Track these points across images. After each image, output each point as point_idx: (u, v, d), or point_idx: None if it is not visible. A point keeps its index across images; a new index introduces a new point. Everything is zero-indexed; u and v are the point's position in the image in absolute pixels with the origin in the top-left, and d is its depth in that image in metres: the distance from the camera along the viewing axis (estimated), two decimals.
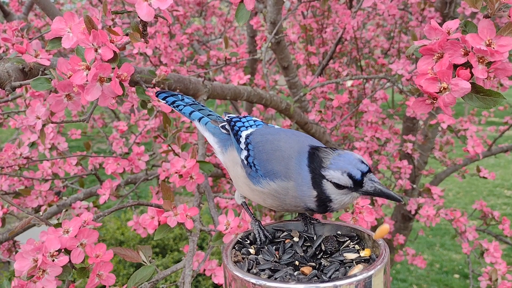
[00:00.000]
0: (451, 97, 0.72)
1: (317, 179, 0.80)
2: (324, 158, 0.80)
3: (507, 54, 0.69)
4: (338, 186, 0.79)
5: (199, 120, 1.07)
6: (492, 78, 0.71)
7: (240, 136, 0.95)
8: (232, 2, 0.84)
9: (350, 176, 0.77)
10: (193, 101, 1.12)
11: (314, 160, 0.81)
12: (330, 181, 0.79)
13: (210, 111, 1.10)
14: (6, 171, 1.77)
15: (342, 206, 0.83)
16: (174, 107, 1.12)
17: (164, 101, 1.13)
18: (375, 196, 0.78)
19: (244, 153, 0.92)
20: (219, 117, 1.07)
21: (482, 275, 2.12)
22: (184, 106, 1.10)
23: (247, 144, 0.93)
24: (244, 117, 1.01)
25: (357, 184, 0.78)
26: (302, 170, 0.83)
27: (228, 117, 1.02)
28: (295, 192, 0.84)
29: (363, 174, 0.77)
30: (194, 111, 1.09)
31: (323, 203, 0.82)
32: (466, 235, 2.34)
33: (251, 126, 0.98)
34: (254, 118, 1.01)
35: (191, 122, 1.98)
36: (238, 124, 0.98)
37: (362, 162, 0.78)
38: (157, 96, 1.16)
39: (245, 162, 0.91)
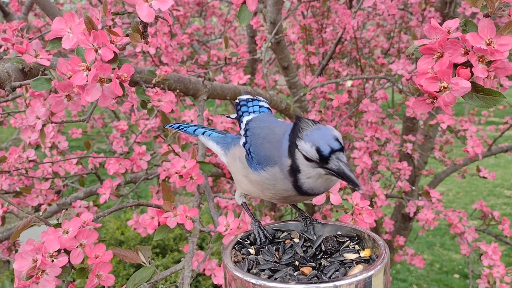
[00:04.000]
0: (451, 97, 0.72)
1: (292, 148, 0.80)
2: (303, 129, 0.79)
3: (507, 53, 0.69)
4: (306, 158, 0.78)
5: (203, 133, 1.12)
6: (492, 77, 0.71)
7: (242, 122, 0.98)
8: (234, 3, 0.84)
9: (318, 150, 0.76)
10: (198, 125, 1.18)
11: (295, 129, 0.80)
12: (301, 152, 0.78)
13: (212, 129, 1.14)
14: (16, 178, 1.79)
15: (310, 180, 0.81)
16: (179, 129, 1.19)
17: (170, 127, 1.22)
18: (339, 177, 0.76)
19: (243, 139, 0.94)
20: (223, 131, 1.12)
21: (480, 277, 2.12)
22: (188, 127, 1.16)
23: (246, 130, 0.95)
24: (252, 100, 1.03)
25: (323, 160, 0.76)
26: (283, 143, 0.83)
27: (239, 99, 1.04)
28: (281, 174, 0.83)
29: (332, 152, 0.75)
30: (197, 128, 1.14)
31: (295, 174, 0.81)
32: (465, 236, 2.33)
33: (254, 112, 1.00)
34: (261, 104, 1.02)
35: (191, 121, 2.00)
36: (243, 108, 1.01)
37: (337, 139, 0.76)
38: (164, 127, 1.27)
39: (243, 148, 0.93)
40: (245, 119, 0.97)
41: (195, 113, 2.02)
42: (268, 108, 1.02)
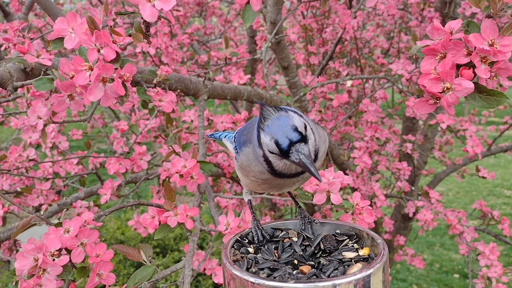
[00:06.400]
0: (454, 97, 0.72)
1: (259, 138, 0.78)
2: (265, 118, 0.75)
3: (509, 54, 0.69)
4: (269, 150, 0.76)
5: (225, 136, 1.17)
6: (494, 78, 0.71)
7: (234, 134, 1.02)
8: (238, 3, 0.84)
9: (277, 144, 0.73)
10: (226, 131, 1.26)
11: (260, 118, 0.77)
12: (264, 145, 0.77)
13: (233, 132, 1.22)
14: (16, 178, 1.79)
15: (281, 165, 0.79)
16: (211, 137, 1.29)
17: (208, 136, 1.34)
18: (302, 168, 0.74)
19: (233, 145, 0.98)
20: None
21: (477, 277, 2.13)
22: (217, 133, 1.26)
23: (234, 137, 0.99)
24: None
25: (283, 154, 0.74)
26: (255, 131, 0.81)
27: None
28: (253, 155, 0.82)
29: (292, 144, 0.72)
30: (222, 133, 1.21)
31: (269, 164, 0.79)
32: (464, 236, 2.34)
33: None
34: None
35: (191, 121, 2.01)
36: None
37: (296, 129, 0.73)
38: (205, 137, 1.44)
39: (234, 152, 0.96)
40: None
41: (195, 113, 2.03)
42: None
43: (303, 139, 0.73)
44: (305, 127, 0.75)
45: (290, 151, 0.72)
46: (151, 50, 2.35)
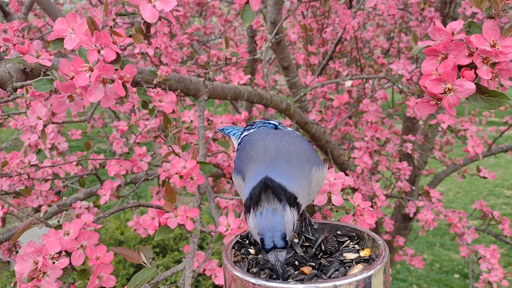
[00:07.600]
0: (456, 98, 0.72)
1: (246, 215, 0.74)
2: (261, 202, 0.71)
3: (511, 55, 0.69)
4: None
5: (233, 134, 1.16)
6: (496, 78, 0.71)
7: (239, 137, 0.98)
8: (237, 2, 0.84)
9: (261, 241, 0.71)
10: (234, 128, 1.23)
11: (253, 195, 0.72)
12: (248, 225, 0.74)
13: (239, 128, 1.19)
14: (16, 178, 1.79)
15: None
16: (220, 130, 1.26)
17: (219, 131, 1.30)
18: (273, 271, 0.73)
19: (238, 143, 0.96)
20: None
21: (478, 281, 2.12)
22: (227, 129, 1.23)
23: (239, 144, 0.95)
24: (264, 122, 1.02)
25: (263, 249, 0.71)
26: (248, 183, 0.75)
27: (253, 122, 1.05)
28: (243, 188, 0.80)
29: (274, 248, 0.70)
30: (232, 130, 1.19)
31: None
32: (464, 238, 2.33)
33: (259, 127, 0.99)
34: (273, 122, 1.01)
35: (191, 122, 2.01)
36: (248, 127, 1.01)
37: (284, 237, 0.70)
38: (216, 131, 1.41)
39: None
40: (243, 134, 0.97)
41: (195, 113, 2.02)
42: (274, 125, 1.00)
43: (286, 246, 0.71)
44: (293, 225, 0.72)
45: (270, 252, 0.71)
46: (150, 51, 2.35)
